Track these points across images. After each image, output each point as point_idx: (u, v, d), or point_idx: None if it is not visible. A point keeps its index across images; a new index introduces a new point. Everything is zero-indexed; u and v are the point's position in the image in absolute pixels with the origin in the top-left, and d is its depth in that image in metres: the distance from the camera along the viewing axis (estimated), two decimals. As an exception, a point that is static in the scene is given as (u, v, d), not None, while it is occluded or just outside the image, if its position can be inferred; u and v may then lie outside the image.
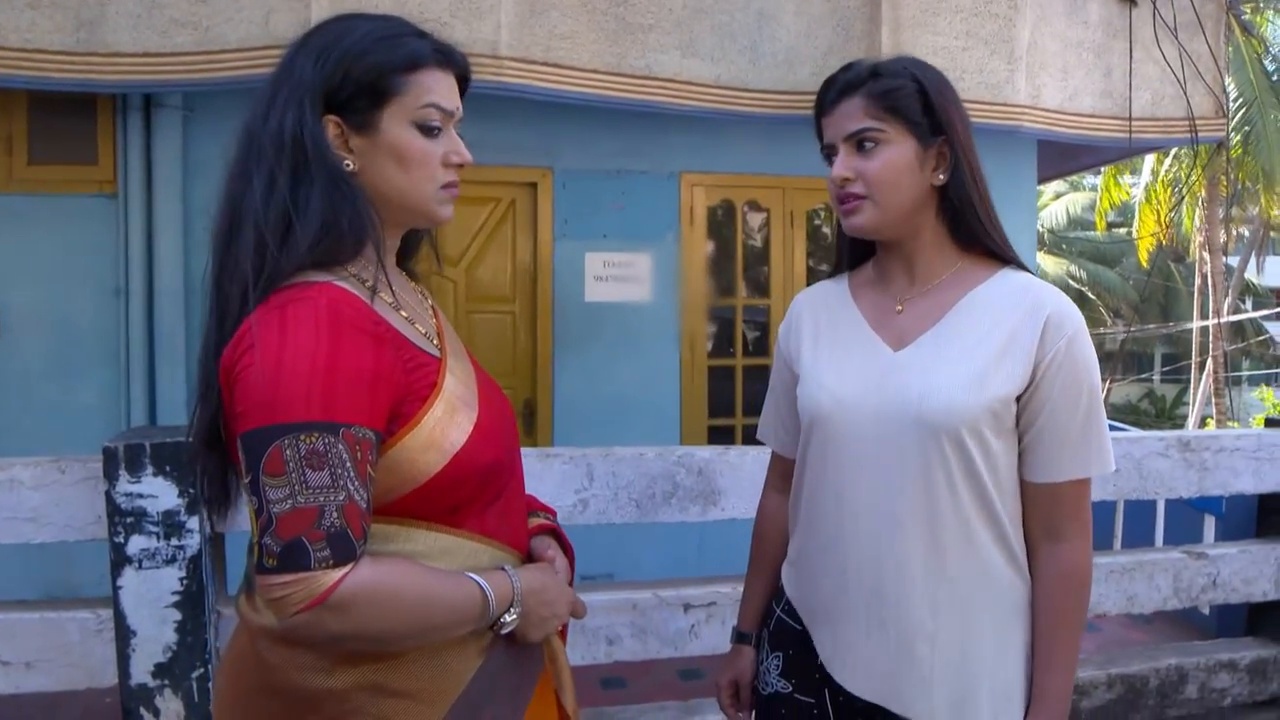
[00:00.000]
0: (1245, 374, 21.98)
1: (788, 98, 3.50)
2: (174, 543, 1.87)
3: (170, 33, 3.00)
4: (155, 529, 1.86)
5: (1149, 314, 20.59)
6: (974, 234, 1.27)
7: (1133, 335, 20.40)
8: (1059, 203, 20.20)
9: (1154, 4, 3.94)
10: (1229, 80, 5.41)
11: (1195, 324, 16.45)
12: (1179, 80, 4.01)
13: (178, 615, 1.89)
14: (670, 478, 2.16)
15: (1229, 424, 14.31)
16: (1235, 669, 2.63)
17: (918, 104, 1.23)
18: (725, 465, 2.18)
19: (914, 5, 3.60)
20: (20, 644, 1.91)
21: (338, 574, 0.90)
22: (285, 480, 0.90)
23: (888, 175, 1.23)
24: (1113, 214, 15.78)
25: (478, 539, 1.08)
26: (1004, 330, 1.22)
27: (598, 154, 4.23)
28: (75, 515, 1.91)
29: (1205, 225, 14.09)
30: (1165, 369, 23.17)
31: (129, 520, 1.85)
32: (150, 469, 1.85)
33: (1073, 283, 19.62)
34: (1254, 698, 2.67)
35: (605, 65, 3.32)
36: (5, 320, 3.69)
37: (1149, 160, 13.28)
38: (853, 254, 1.41)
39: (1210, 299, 14.22)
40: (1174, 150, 10.95)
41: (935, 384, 1.21)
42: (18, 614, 1.94)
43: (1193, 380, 17.13)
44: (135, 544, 1.85)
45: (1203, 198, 13.33)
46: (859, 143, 1.24)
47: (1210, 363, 14.52)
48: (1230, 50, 5.51)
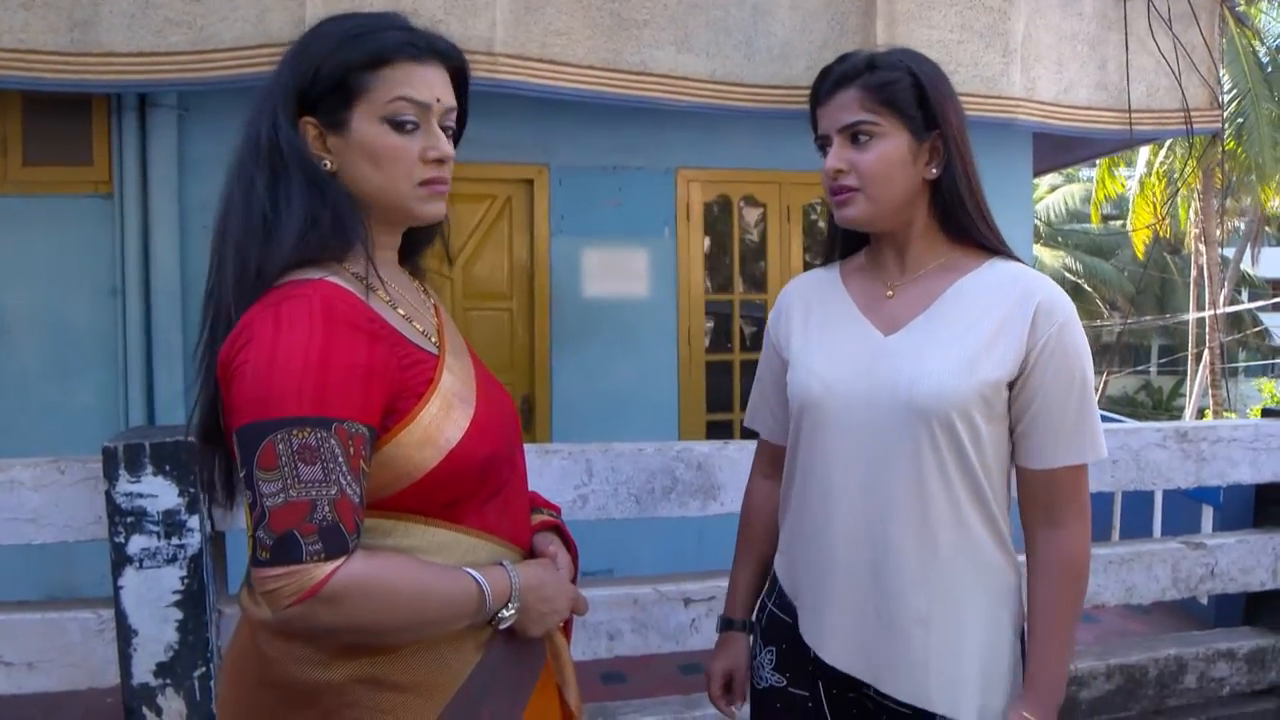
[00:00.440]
0: (1242, 365, 22.03)
1: (783, 92, 3.50)
2: (174, 542, 1.87)
3: (164, 32, 2.99)
4: (155, 528, 1.86)
5: (1145, 306, 20.62)
6: (964, 228, 1.28)
7: (1129, 327, 20.42)
8: (1055, 195, 20.22)
9: (1148, -5, 3.94)
10: (1223, 72, 5.41)
11: (1191, 316, 16.47)
12: (1174, 72, 4.01)
13: (179, 614, 1.89)
14: (670, 473, 2.16)
15: (1226, 415, 14.35)
16: (1234, 658, 2.64)
17: (913, 98, 1.23)
18: (724, 460, 2.18)
19: (909, -1, 3.60)
20: (22, 644, 1.91)
21: (329, 567, 0.91)
22: (278, 474, 0.91)
23: (881, 168, 1.23)
24: (1108, 206, 15.80)
25: (476, 534, 1.08)
26: (994, 317, 1.23)
27: (594, 150, 4.23)
28: (75, 515, 1.90)
29: (1200, 217, 14.10)
30: (1162, 361, 23.23)
31: (129, 520, 1.85)
32: (150, 468, 1.85)
33: (1069, 275, 19.64)
34: (1252, 687, 2.68)
35: (601, 61, 3.32)
36: (2, 321, 3.68)
37: (1144, 152, 13.29)
38: (845, 244, 1.42)
39: (1206, 290, 14.23)
40: (1168, 142, 10.96)
41: (926, 368, 1.21)
42: (19, 614, 1.94)
43: (1189, 372, 17.16)
44: (136, 544, 1.85)
45: (1198, 190, 13.34)
46: (853, 135, 1.24)
47: (1207, 354, 14.53)
48: (1224, 42, 5.51)
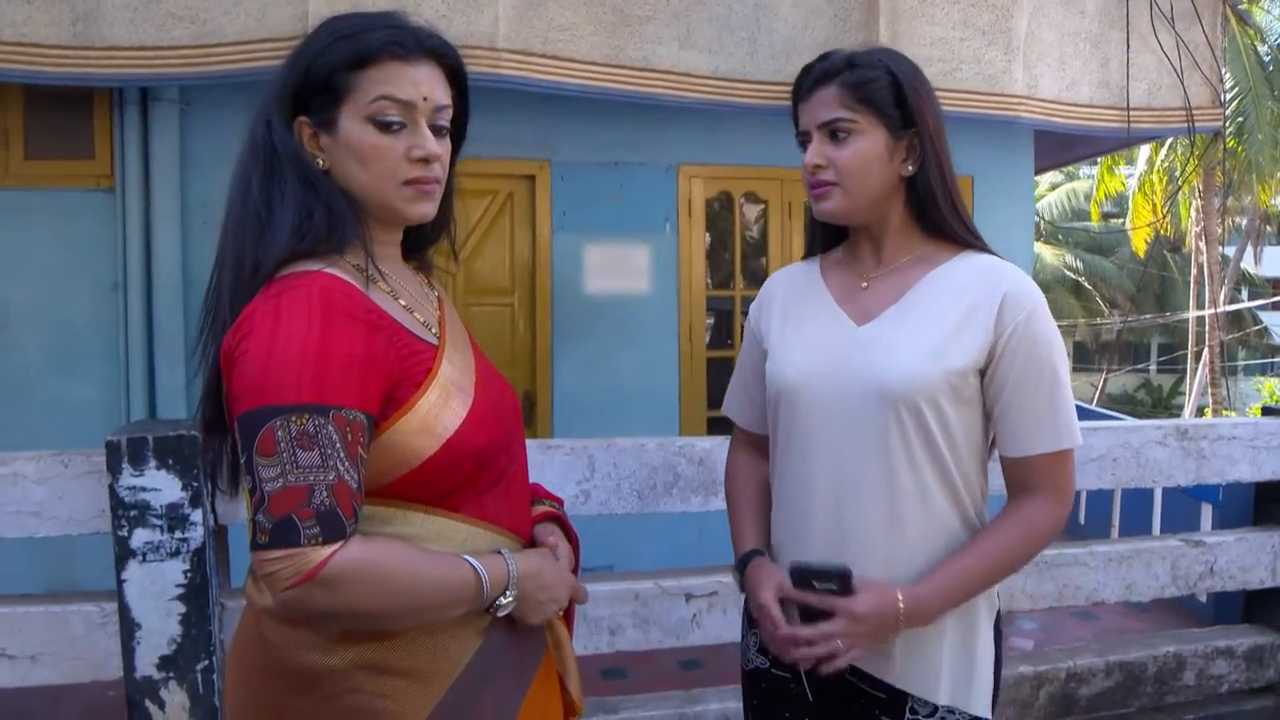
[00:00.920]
0: (1241, 364, 22.04)
1: (785, 89, 3.45)
2: (177, 535, 1.88)
3: (167, 26, 2.99)
4: (159, 522, 1.87)
5: (1145, 304, 20.61)
6: (939, 223, 1.32)
7: (1129, 325, 20.43)
8: (1056, 193, 20.19)
9: (1151, -7, 3.94)
10: (1224, 71, 5.41)
11: (1191, 314, 16.47)
12: (1176, 70, 4.01)
13: (182, 608, 1.90)
14: (671, 468, 2.17)
15: (1225, 414, 14.34)
16: (1232, 656, 2.65)
17: (891, 96, 1.27)
18: (726, 455, 2.18)
19: (911, -5, 3.60)
20: (25, 637, 1.92)
21: (327, 550, 0.93)
22: (277, 460, 0.93)
23: (858, 164, 1.27)
24: (1108, 204, 15.78)
25: (475, 523, 1.09)
26: (962, 306, 1.26)
27: (596, 146, 4.23)
28: (79, 509, 1.91)
29: (1201, 216, 14.09)
30: (1162, 359, 23.22)
31: (132, 513, 1.85)
32: (153, 462, 1.85)
33: (1070, 273, 19.65)
34: (1251, 684, 2.69)
35: (603, 57, 3.32)
36: (4, 316, 3.68)
37: (1144, 150, 13.28)
38: (826, 238, 1.46)
39: (1206, 289, 14.22)
40: (1169, 140, 10.95)
41: (895, 357, 1.25)
42: (22, 607, 1.94)
43: (1189, 370, 17.16)
44: (139, 537, 1.86)
45: (1198, 188, 13.32)
46: (832, 132, 1.28)
47: (1207, 353, 14.53)
48: (1226, 41, 5.51)
